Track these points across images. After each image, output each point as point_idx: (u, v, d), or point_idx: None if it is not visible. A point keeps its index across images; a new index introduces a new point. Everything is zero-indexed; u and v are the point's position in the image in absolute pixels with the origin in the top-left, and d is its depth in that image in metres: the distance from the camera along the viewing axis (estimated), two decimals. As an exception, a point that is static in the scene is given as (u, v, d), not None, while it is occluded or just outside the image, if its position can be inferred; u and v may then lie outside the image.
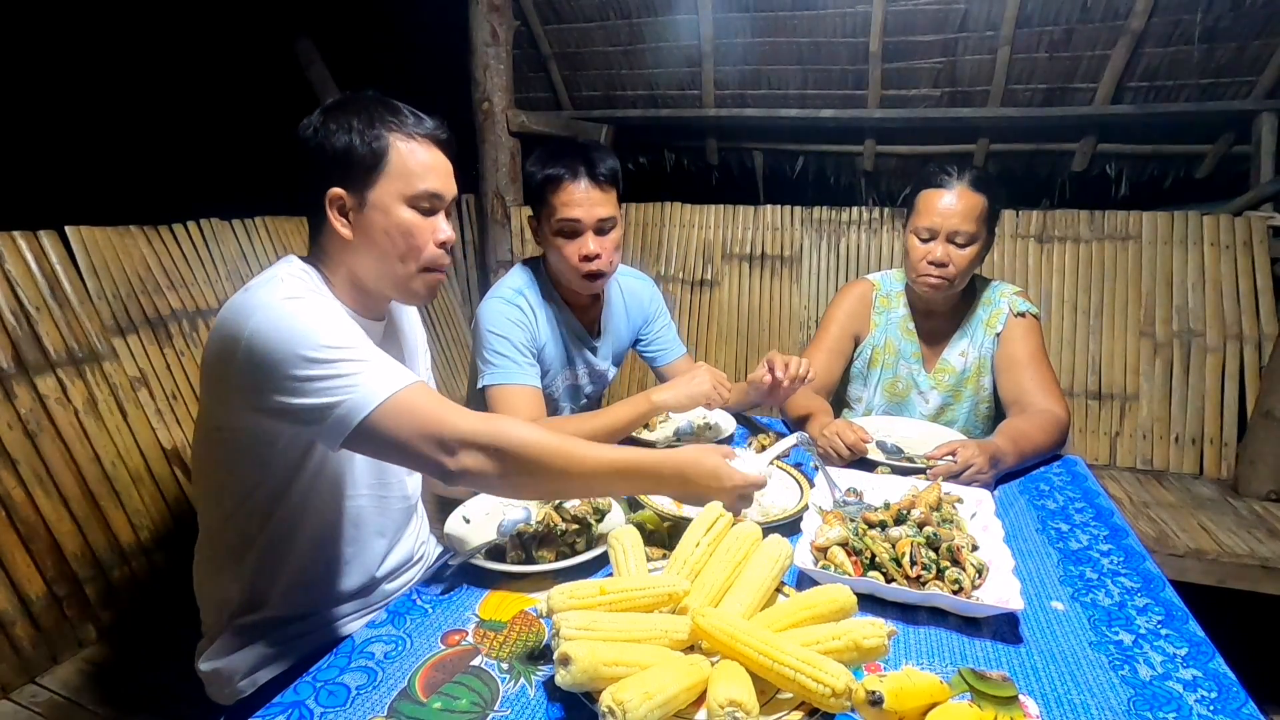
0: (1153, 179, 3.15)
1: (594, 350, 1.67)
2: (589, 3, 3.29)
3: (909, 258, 1.58)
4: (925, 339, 1.70)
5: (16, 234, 1.54)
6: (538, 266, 1.60)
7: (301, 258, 1.04)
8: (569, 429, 1.39)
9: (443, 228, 1.03)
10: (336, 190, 0.97)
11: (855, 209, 2.98)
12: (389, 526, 1.14)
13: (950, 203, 1.51)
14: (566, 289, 1.58)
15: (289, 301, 0.90)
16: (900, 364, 1.71)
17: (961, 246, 1.51)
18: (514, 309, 1.49)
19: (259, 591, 1.05)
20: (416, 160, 0.99)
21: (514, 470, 0.93)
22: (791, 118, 3.35)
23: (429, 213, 1.01)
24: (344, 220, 0.99)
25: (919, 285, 1.59)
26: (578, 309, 1.62)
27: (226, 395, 0.93)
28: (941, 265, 1.52)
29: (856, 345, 1.76)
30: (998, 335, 1.62)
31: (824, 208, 3.00)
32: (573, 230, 1.43)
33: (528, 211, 1.55)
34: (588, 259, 1.44)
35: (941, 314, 1.68)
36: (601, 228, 1.44)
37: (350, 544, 1.08)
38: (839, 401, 1.85)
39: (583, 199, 1.41)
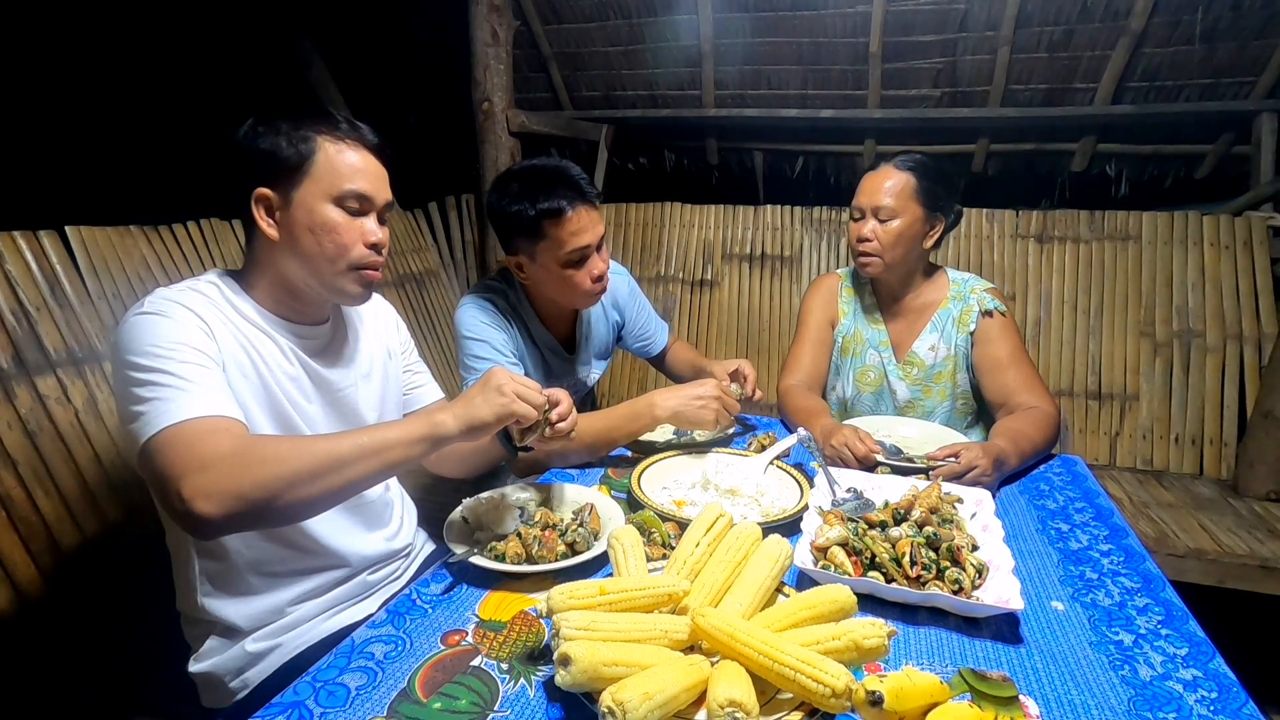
0: (1153, 179, 3.14)
1: (570, 365, 1.66)
2: (589, 3, 3.28)
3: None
4: (893, 329, 1.71)
5: (16, 234, 1.53)
6: (509, 282, 1.58)
7: (227, 270, 1.06)
8: None
9: (372, 229, 1.03)
10: (263, 190, 0.98)
11: (855, 209, 2.98)
12: (353, 523, 1.14)
13: (874, 181, 1.58)
14: (545, 308, 1.58)
15: (135, 315, 0.93)
16: (869, 352, 1.72)
17: (884, 221, 1.56)
18: (489, 314, 1.49)
19: (221, 592, 1.05)
20: (343, 161, 1.00)
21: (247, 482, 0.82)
22: (791, 118, 3.35)
23: (357, 214, 1.01)
24: (270, 220, 1.00)
25: (857, 265, 1.65)
26: (554, 325, 1.61)
27: None
28: (866, 241, 1.58)
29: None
30: (971, 334, 1.62)
31: (824, 208, 3.00)
32: (583, 257, 1.42)
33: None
34: (600, 279, 1.45)
35: (905, 302, 1.69)
36: (601, 244, 1.45)
37: (297, 547, 1.06)
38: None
39: (588, 223, 1.39)
